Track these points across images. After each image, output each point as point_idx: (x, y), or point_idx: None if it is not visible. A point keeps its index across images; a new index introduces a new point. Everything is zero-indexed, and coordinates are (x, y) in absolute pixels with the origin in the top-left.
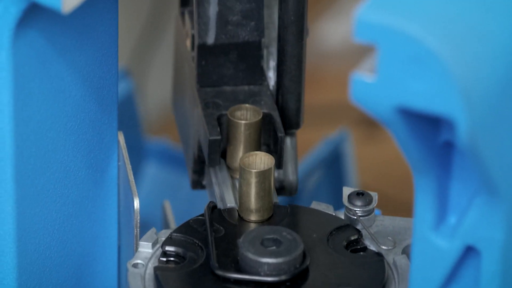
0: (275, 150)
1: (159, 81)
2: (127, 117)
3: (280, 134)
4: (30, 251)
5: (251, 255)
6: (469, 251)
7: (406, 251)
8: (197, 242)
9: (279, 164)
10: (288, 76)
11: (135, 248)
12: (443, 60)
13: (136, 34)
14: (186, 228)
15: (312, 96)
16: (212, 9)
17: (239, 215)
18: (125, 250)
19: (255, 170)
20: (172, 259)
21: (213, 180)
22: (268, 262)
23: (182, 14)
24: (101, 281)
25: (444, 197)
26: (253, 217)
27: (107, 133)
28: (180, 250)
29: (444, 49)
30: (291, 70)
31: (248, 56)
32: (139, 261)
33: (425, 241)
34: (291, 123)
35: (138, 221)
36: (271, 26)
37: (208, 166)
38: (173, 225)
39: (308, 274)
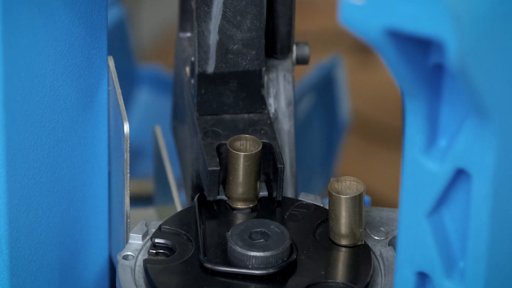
0: (275, 179)
1: (152, 8)
2: (119, 43)
3: (280, 165)
4: (20, 175)
5: (239, 249)
6: (460, 174)
7: (392, 243)
8: (186, 234)
9: (278, 195)
10: (279, 0)
11: (125, 173)
12: None
13: None
14: (176, 219)
15: (305, 23)
16: (213, 38)
17: (229, 206)
18: (115, 175)
19: (345, 196)
20: (161, 251)
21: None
22: (256, 256)
23: (181, 40)
24: (91, 205)
25: (434, 120)
26: (343, 242)
27: (97, 57)
28: (169, 243)
29: None
30: None
31: (249, 85)
32: (129, 253)
33: (415, 165)
34: (282, 46)
35: (128, 145)
36: None
37: (207, 195)
38: (164, 152)
39: (296, 267)
